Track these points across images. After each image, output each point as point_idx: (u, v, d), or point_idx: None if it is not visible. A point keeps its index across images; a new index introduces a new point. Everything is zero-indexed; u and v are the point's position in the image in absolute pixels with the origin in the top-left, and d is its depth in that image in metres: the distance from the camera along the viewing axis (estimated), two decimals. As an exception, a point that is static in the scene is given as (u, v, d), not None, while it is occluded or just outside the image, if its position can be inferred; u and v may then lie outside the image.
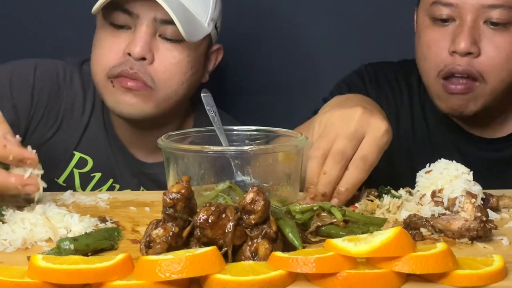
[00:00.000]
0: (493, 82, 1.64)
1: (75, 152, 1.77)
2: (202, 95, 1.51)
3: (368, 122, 1.33)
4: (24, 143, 1.74)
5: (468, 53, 1.61)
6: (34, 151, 1.25)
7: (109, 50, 1.66)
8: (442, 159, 1.33)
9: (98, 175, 1.77)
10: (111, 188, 1.77)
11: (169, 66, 1.64)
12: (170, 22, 1.59)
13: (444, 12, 1.64)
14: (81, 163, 1.77)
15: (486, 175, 1.36)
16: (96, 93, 1.73)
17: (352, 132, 1.31)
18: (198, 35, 1.65)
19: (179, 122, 1.79)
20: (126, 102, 1.64)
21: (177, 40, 1.63)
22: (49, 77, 1.75)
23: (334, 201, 1.29)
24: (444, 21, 1.64)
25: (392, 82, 1.85)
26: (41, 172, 1.24)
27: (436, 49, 1.65)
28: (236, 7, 2.22)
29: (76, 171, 1.77)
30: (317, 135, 1.35)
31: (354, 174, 1.30)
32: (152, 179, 1.77)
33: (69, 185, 1.74)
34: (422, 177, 1.33)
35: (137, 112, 1.66)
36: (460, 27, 1.62)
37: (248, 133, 1.41)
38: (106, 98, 1.67)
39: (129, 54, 1.62)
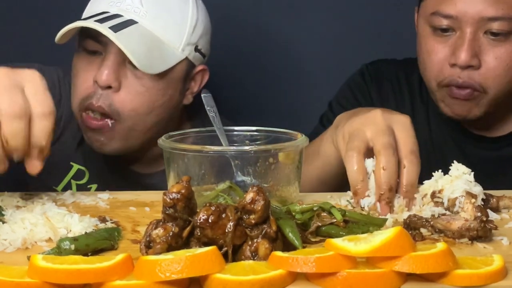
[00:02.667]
0: (493, 92, 1.65)
1: (73, 164, 1.76)
2: (202, 95, 1.50)
3: (391, 118, 1.35)
4: None
5: (468, 66, 1.62)
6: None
7: (82, 79, 1.64)
8: (438, 172, 1.33)
9: (94, 187, 1.76)
10: None
11: (136, 94, 1.62)
12: None
13: (444, 23, 1.63)
14: (79, 175, 1.76)
15: (487, 174, 1.36)
16: None
17: (385, 129, 1.33)
18: (163, 64, 1.62)
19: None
20: (94, 139, 1.65)
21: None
22: (52, 86, 1.72)
23: (400, 200, 1.30)
24: (444, 30, 1.64)
25: (393, 81, 1.85)
26: None
27: (437, 60, 1.65)
28: (237, 5, 2.23)
29: (73, 182, 1.76)
30: (344, 143, 1.37)
31: (413, 169, 1.31)
32: (150, 190, 1.76)
33: None
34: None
35: (109, 149, 1.65)
36: (460, 39, 1.62)
37: (248, 133, 1.41)
38: (82, 131, 1.67)
39: (96, 82, 1.60)
